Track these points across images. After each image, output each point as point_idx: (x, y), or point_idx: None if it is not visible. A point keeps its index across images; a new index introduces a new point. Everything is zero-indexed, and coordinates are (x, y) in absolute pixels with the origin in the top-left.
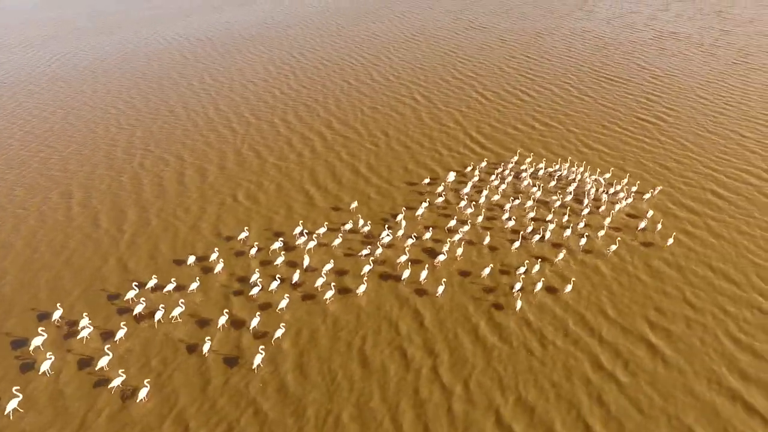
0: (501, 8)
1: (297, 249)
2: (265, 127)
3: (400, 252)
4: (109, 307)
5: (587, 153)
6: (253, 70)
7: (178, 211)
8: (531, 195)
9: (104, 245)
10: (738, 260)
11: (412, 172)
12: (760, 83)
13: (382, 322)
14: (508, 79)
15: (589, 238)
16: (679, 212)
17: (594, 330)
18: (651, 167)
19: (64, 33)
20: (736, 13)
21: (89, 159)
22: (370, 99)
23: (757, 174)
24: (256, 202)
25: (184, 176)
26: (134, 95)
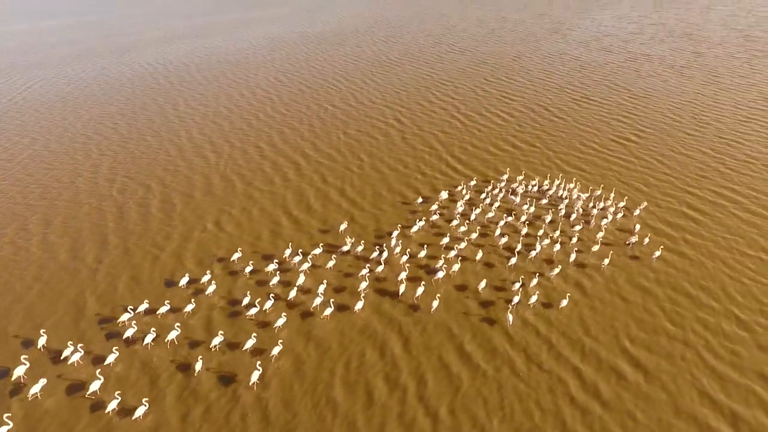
0: (481, 33)
1: (290, 270)
2: (249, 150)
3: (397, 269)
4: (96, 332)
5: (566, 173)
6: (236, 95)
7: (158, 238)
8: (522, 212)
9: (81, 274)
10: (715, 275)
11: (392, 193)
12: (732, 103)
13: (369, 342)
14: (486, 102)
15: (581, 252)
16: (656, 228)
17: (579, 347)
18: (628, 186)
19: (48, 59)
20: (706, 35)
21: (68, 186)
22: (350, 122)
23: (731, 192)
24: (238, 226)
25: (164, 203)
26: (117, 120)
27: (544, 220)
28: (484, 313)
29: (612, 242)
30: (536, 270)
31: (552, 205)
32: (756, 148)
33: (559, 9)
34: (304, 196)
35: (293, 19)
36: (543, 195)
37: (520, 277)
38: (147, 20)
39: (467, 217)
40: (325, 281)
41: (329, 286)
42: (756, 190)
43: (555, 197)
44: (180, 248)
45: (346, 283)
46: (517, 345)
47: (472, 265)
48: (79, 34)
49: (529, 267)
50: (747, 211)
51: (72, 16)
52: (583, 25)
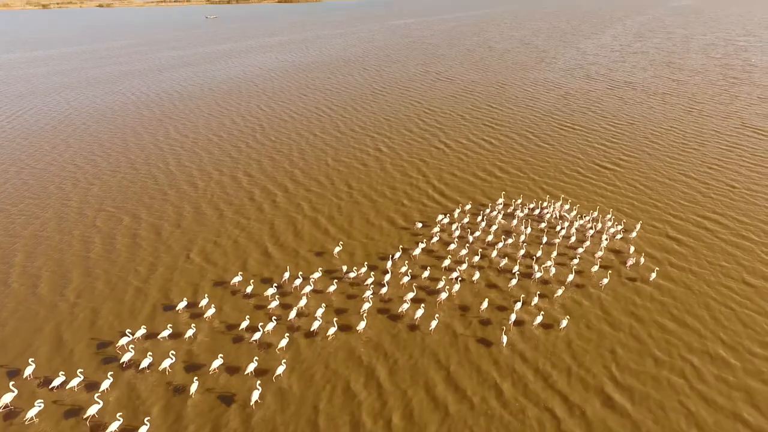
0: (468, 61)
1: (291, 293)
2: (236, 177)
3: (399, 291)
4: (84, 360)
5: (550, 199)
6: (221, 124)
7: (141, 268)
8: (520, 234)
9: (59, 307)
10: (700, 301)
11: (380, 219)
12: (713, 129)
13: (375, 358)
14: (472, 128)
15: (579, 273)
16: (641, 254)
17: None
18: (612, 211)
19: (38, 88)
20: (686, 64)
21: (53, 217)
22: (336, 150)
23: (715, 218)
24: (224, 254)
25: (149, 232)
26: (95, 150)
27: (542, 242)
28: (480, 335)
29: (609, 264)
30: (536, 291)
31: (550, 227)
32: (737, 174)
33: (543, 38)
34: (291, 224)
35: (286, 49)
36: (541, 217)
37: (521, 296)
38: (139, 51)
39: (466, 240)
40: (323, 304)
41: (331, 307)
42: (738, 216)
43: (552, 219)
44: (163, 279)
45: (348, 305)
46: (506, 370)
47: (471, 286)
48: (70, 65)
49: (530, 288)
50: (731, 237)
51: (65, 46)
52: (568, 54)
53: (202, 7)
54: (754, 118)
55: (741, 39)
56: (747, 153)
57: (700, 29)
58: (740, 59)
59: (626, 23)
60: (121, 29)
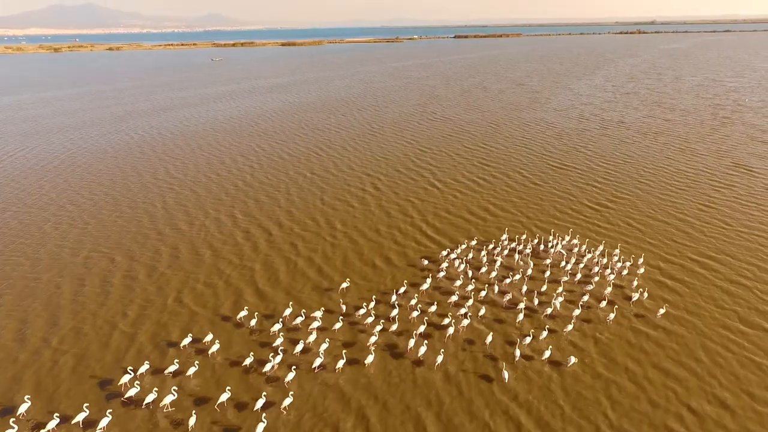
0: (463, 101)
1: (296, 330)
2: (223, 219)
3: (406, 326)
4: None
5: (556, 234)
6: (219, 162)
7: (115, 315)
8: (525, 269)
9: (23, 355)
10: (693, 345)
11: (370, 259)
12: (704, 169)
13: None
14: (465, 167)
15: (586, 308)
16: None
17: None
18: (619, 246)
19: (40, 129)
20: (676, 104)
21: (29, 258)
22: (329, 189)
23: (707, 259)
24: (200, 300)
25: (126, 277)
26: (94, 189)
27: (546, 278)
28: (482, 371)
29: (614, 300)
30: (540, 327)
31: (556, 262)
32: (731, 213)
33: (537, 79)
34: (284, 263)
35: (287, 90)
36: (546, 253)
37: (531, 331)
38: (145, 92)
39: (471, 276)
40: (327, 340)
41: (338, 341)
42: (733, 256)
43: (557, 255)
44: (150, 321)
45: (356, 339)
46: (511, 406)
47: (476, 322)
48: (77, 105)
49: (534, 324)
50: (726, 277)
51: (73, 87)
52: (561, 94)
53: (208, 50)
54: (745, 157)
55: (730, 80)
56: (739, 192)
57: (690, 70)
58: (730, 99)
59: (618, 65)
60: (128, 71)
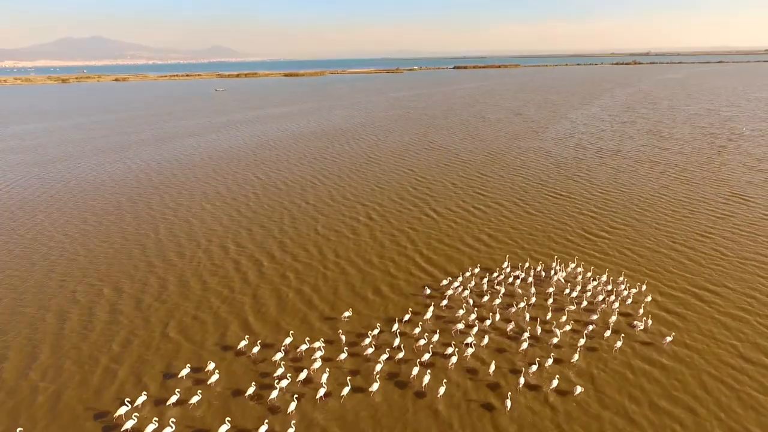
0: (462, 131)
1: (299, 359)
2: (217, 249)
3: (408, 354)
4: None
5: (559, 261)
6: (215, 191)
7: (98, 352)
8: (528, 297)
9: (11, 394)
10: (694, 379)
11: (364, 290)
12: (702, 198)
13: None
14: (462, 196)
15: (591, 337)
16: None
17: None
18: (624, 273)
19: (43, 158)
20: (672, 133)
21: (11, 291)
22: (326, 218)
23: (706, 289)
24: (208, 326)
25: (112, 312)
26: (88, 219)
27: (550, 306)
28: (485, 399)
29: (618, 329)
30: (545, 355)
31: (559, 290)
32: (729, 242)
33: (534, 109)
34: (275, 295)
35: (288, 119)
36: (550, 280)
37: (536, 359)
38: (148, 121)
39: (475, 304)
40: (327, 370)
41: (342, 370)
42: (732, 286)
43: (560, 282)
44: (135, 356)
45: (360, 367)
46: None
47: (480, 350)
48: (80, 135)
49: (539, 352)
50: (726, 309)
51: (78, 117)
52: (558, 123)
53: (212, 81)
54: (742, 185)
55: (725, 109)
56: (737, 221)
57: (685, 100)
58: (725, 128)
59: (614, 95)
60: (133, 101)
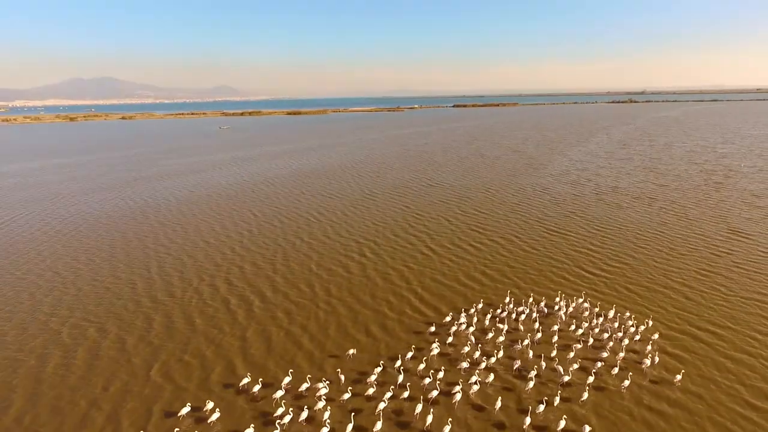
0: (459, 168)
1: (301, 397)
2: (206, 289)
3: (412, 392)
4: None
5: (563, 296)
6: (211, 229)
7: (95, 389)
8: (533, 333)
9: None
10: (696, 426)
11: (356, 331)
12: (700, 235)
13: None
14: (459, 233)
15: (598, 375)
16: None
17: None
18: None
19: (45, 194)
20: (669, 169)
21: (17, 326)
22: (321, 256)
23: (707, 329)
24: (193, 370)
25: (90, 354)
26: (80, 257)
27: (556, 342)
28: None
29: (624, 366)
30: (552, 394)
31: (566, 325)
32: (729, 280)
33: (532, 146)
34: (264, 336)
35: (289, 156)
36: (554, 316)
37: (544, 398)
38: (151, 158)
39: (480, 341)
40: (328, 410)
41: (345, 409)
42: (734, 326)
43: (567, 318)
44: (115, 401)
45: (363, 406)
46: None
47: (485, 388)
48: (84, 171)
49: (545, 391)
50: (728, 350)
51: (84, 154)
52: (555, 160)
53: (217, 119)
54: (740, 222)
55: (720, 146)
56: (736, 258)
57: (681, 137)
58: (722, 165)
59: (611, 132)
60: (138, 139)
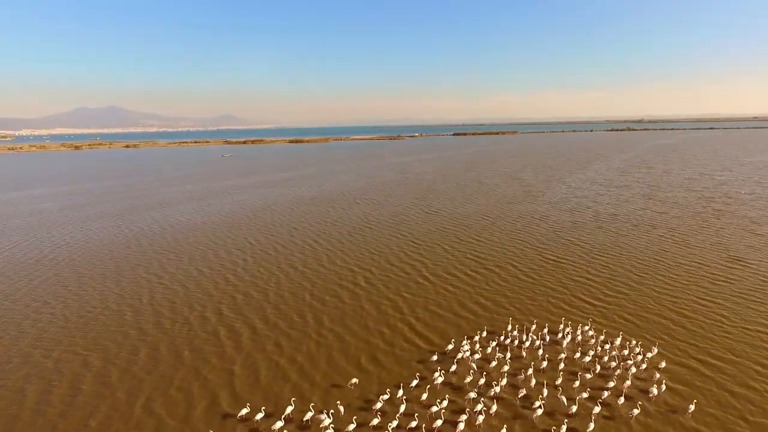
0: (459, 195)
1: (305, 428)
2: (195, 320)
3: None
4: None
5: (567, 323)
6: (205, 257)
7: (69, 428)
8: (539, 361)
9: None
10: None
11: (346, 364)
12: (700, 262)
13: None
14: (455, 262)
15: (607, 404)
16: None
17: None
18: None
19: (45, 223)
20: (666, 196)
21: (0, 357)
22: (315, 285)
23: (708, 362)
24: (175, 407)
25: (70, 391)
26: (70, 285)
27: (562, 370)
28: None
29: (632, 395)
30: (558, 424)
31: (571, 352)
32: (730, 310)
33: (531, 173)
34: (252, 369)
35: (289, 184)
36: (559, 343)
37: (552, 428)
38: (152, 187)
39: (484, 370)
40: None
41: None
42: (735, 357)
43: (572, 345)
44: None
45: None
46: None
47: (489, 418)
48: (84, 199)
49: (551, 422)
50: (732, 384)
51: (86, 182)
52: (554, 188)
53: (220, 147)
54: (740, 248)
55: (719, 173)
56: (737, 287)
57: (679, 165)
58: (720, 192)
59: (610, 160)
60: (141, 167)
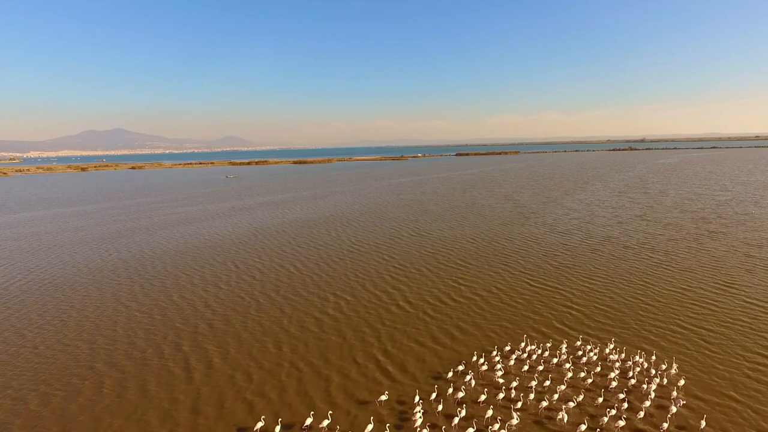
0: (450, 217)
1: None
2: (168, 351)
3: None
4: None
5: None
6: (189, 282)
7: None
8: (561, 377)
9: None
10: None
11: (316, 394)
12: (698, 286)
13: None
14: (439, 285)
15: (629, 420)
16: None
17: None
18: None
19: (40, 246)
20: (661, 217)
21: None
22: (293, 311)
23: (707, 400)
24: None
25: (37, 423)
26: (47, 313)
27: (583, 387)
28: None
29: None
30: None
31: (585, 370)
32: (732, 341)
33: (527, 194)
34: (218, 402)
35: (287, 205)
36: (579, 362)
37: None
38: (153, 208)
39: (500, 387)
40: None
41: None
42: (739, 396)
43: (588, 362)
44: None
45: None
46: None
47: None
48: (81, 222)
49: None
50: (738, 420)
51: (88, 203)
52: (548, 209)
53: (224, 168)
54: (739, 273)
55: (718, 193)
56: (733, 313)
57: (678, 185)
58: (715, 213)
59: (609, 180)
60: (144, 189)
